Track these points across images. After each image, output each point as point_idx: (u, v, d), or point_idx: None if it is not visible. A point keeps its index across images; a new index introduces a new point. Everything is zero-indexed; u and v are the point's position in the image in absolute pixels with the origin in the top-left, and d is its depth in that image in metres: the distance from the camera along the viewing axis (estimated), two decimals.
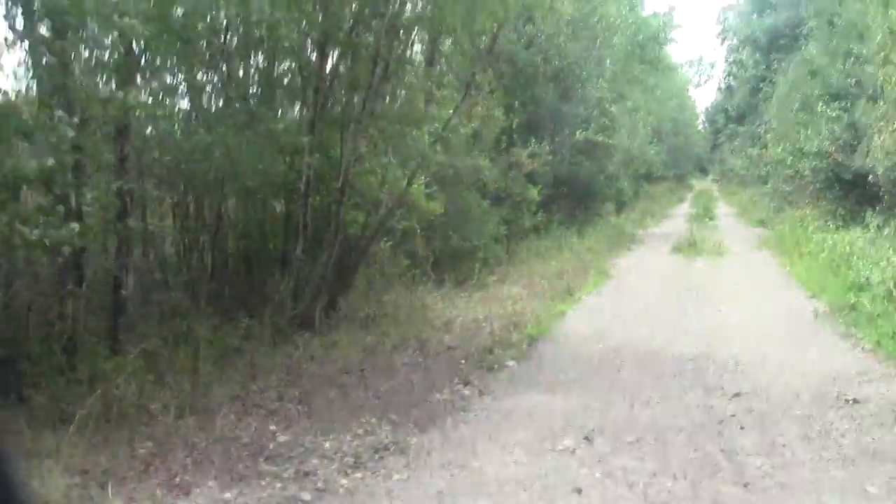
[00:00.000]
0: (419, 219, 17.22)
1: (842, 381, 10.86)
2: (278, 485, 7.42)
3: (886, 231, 22.28)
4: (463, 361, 12.19)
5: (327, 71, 14.46)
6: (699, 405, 9.94)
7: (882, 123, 23.53)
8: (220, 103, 13.94)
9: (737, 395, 10.34)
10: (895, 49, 21.13)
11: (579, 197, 33.64)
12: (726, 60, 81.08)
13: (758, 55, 62.42)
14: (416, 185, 16.23)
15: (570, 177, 31.36)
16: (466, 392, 10.67)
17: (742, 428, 9.03)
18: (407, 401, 10.15)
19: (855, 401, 9.91)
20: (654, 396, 10.32)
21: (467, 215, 21.32)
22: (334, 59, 14.62)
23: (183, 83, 13.22)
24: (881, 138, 23.20)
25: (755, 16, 64.36)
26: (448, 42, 19.84)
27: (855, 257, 19.38)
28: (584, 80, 31.80)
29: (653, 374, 11.46)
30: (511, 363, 12.19)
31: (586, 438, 8.63)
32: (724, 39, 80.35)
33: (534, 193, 25.39)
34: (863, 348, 12.80)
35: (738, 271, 22.83)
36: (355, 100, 14.59)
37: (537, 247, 25.29)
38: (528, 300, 17.22)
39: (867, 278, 16.60)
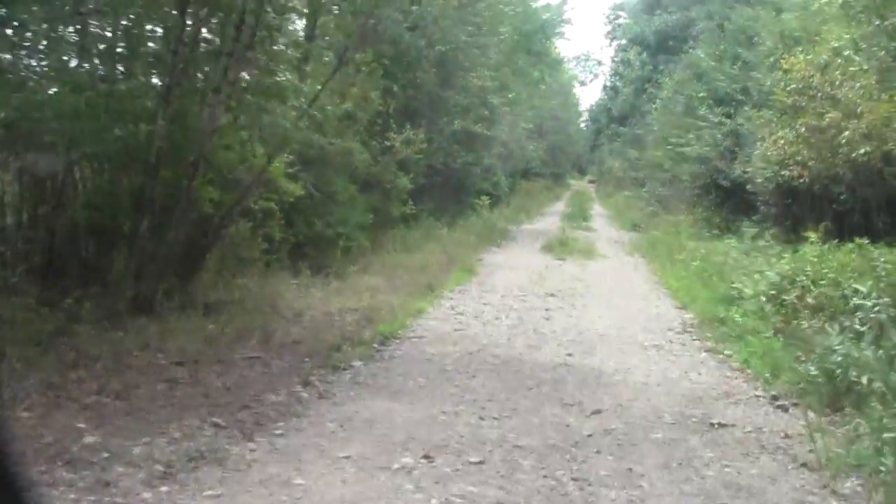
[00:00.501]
0: (279, 200, 16.33)
1: (707, 401, 10.22)
2: (72, 495, 6.48)
3: (761, 243, 21.67)
4: (307, 358, 11.31)
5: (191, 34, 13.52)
6: (554, 422, 9.15)
7: (766, 131, 23.11)
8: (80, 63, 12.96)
9: (596, 412, 9.58)
10: (786, 55, 20.73)
11: (453, 188, 32.99)
12: (613, 60, 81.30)
13: (645, 55, 62.46)
14: (277, 164, 15.37)
15: (445, 167, 30.62)
16: (304, 394, 9.75)
17: (598, 452, 8.26)
18: (238, 401, 9.23)
19: (720, 425, 9.25)
20: (506, 410, 9.52)
21: (333, 200, 20.49)
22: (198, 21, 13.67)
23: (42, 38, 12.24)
24: (763, 146, 22.76)
25: (645, 16, 64.22)
26: (329, 18, 19.12)
27: (728, 268, 18.90)
28: (466, 68, 31.01)
29: (508, 385, 10.64)
30: (358, 363, 11.32)
31: (427, 457, 7.79)
32: (612, 39, 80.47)
33: (405, 181, 24.58)
34: (731, 366, 12.13)
35: (607, 276, 22.22)
36: (217, 68, 13.62)
37: (405, 238, 24.51)
38: (388, 294, 16.47)
39: (739, 291, 16.02)
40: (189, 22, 13.08)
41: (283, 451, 7.85)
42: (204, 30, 13.80)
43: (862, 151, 16.83)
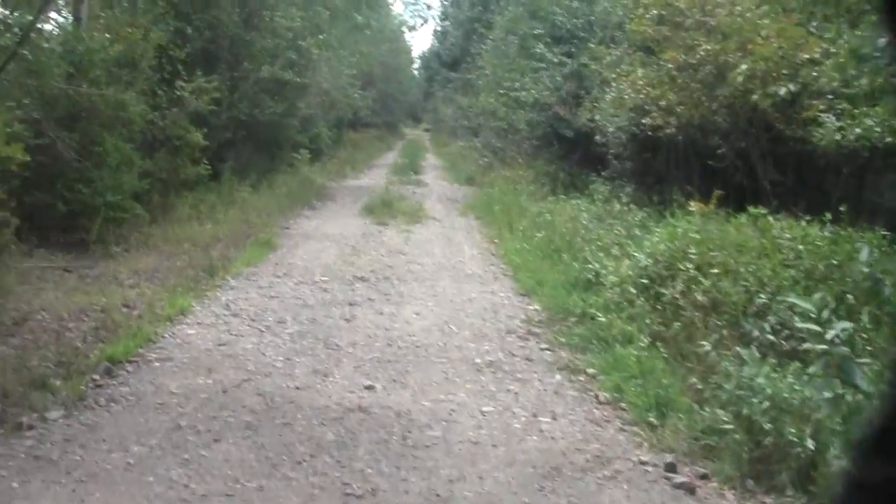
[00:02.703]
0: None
1: (571, 477, 6.70)
2: None
3: (617, 206, 17.97)
4: None
5: None
6: None
7: (618, 71, 19.42)
8: None
9: None
10: None
11: (263, 143, 28.97)
12: (443, 2, 78.10)
13: None
14: None
15: (251, 119, 26.68)
16: None
17: None
18: None
19: None
20: None
21: (103, 162, 16.73)
22: None
23: None
24: (616, 90, 19.03)
25: None
26: None
27: (580, 240, 15.29)
28: (271, 7, 27.05)
29: (266, 456, 6.90)
30: (57, 415, 7.53)
31: None
32: None
33: (197, 137, 20.57)
34: (598, 399, 8.54)
35: (435, 247, 18.26)
36: None
37: (200, 203, 20.70)
38: (153, 284, 12.94)
39: (597, 274, 12.61)
40: None
41: None
42: None
43: (782, 91, 13.41)
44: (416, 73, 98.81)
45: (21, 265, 13.65)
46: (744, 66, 13.67)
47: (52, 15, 20.41)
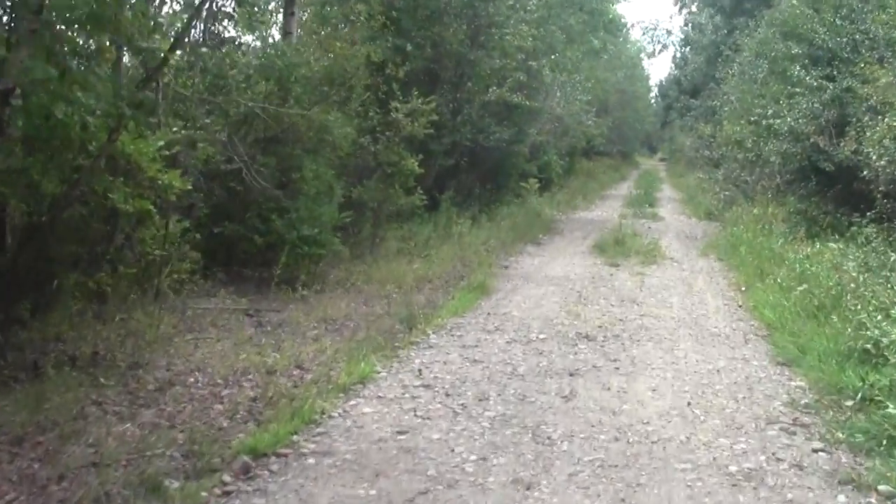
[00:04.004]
0: (172, 196, 10.84)
1: None
2: None
3: (893, 255, 14.60)
4: None
5: None
6: None
7: None
8: None
9: None
10: None
11: (487, 171, 26.89)
12: (683, 28, 75.36)
13: (718, 18, 55.85)
14: (141, 145, 9.80)
15: (475, 145, 24.66)
16: None
17: None
18: None
19: None
20: None
21: (300, 190, 15.01)
22: None
23: None
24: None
25: None
26: None
27: (848, 295, 12.36)
28: (499, 23, 24.92)
29: None
30: None
31: None
32: (682, 5, 73.98)
33: (412, 164, 18.67)
34: None
35: (673, 295, 15.55)
36: None
37: (411, 237, 18.83)
38: (338, 337, 11.08)
39: (876, 342, 9.88)
40: None
41: None
42: None
43: None
44: (652, 101, 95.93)
45: (197, 307, 11.97)
46: None
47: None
